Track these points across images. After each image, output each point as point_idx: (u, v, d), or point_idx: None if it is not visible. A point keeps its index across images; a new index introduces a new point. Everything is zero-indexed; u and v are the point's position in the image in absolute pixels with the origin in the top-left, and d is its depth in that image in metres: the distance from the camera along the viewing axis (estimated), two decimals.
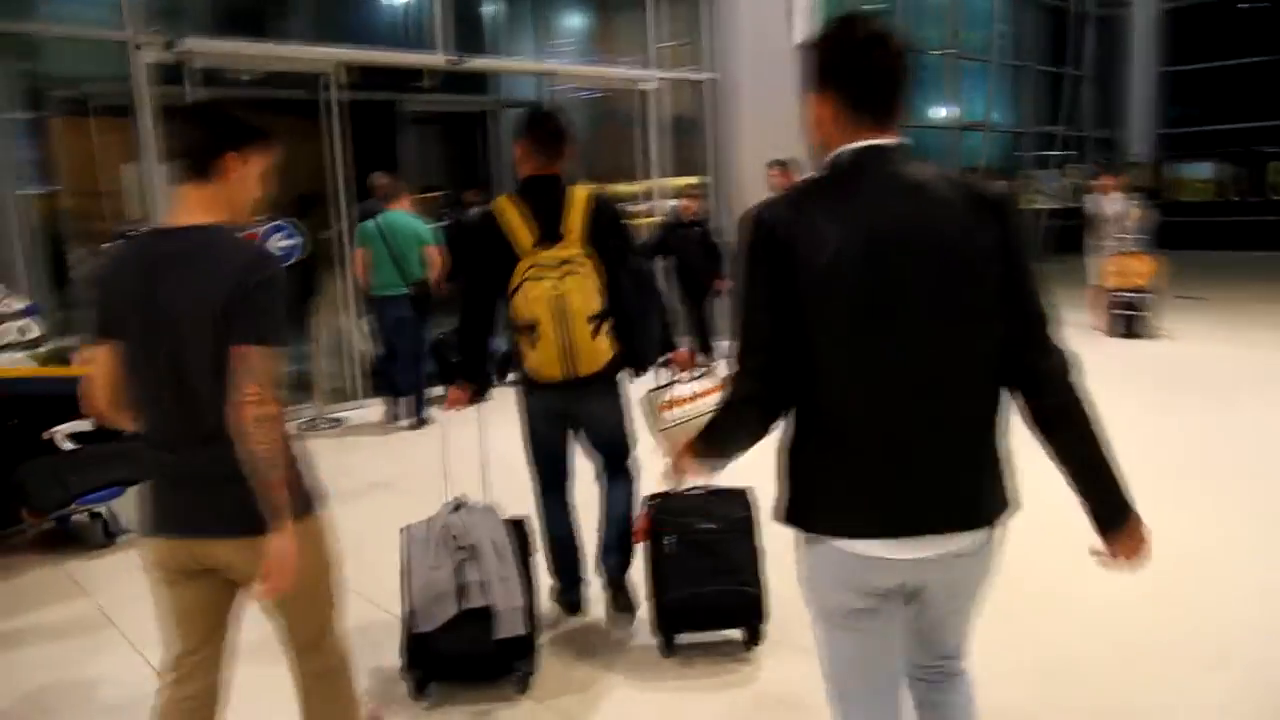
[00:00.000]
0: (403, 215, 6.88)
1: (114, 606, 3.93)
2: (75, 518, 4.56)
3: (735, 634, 3.37)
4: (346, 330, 7.85)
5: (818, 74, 1.74)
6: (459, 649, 3.04)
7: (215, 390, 1.98)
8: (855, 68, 1.70)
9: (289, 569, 1.98)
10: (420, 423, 6.92)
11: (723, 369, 3.37)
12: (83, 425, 4.48)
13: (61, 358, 4.57)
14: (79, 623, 3.81)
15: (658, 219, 9.45)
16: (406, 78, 9.72)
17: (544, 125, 3.27)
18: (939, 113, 17.10)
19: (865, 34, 1.69)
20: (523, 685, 3.15)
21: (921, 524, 1.68)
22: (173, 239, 2.06)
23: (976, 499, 1.72)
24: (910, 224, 1.64)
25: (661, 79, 9.77)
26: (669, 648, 3.35)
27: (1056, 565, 3.42)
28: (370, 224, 6.82)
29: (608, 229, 3.25)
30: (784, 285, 1.65)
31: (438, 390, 7.24)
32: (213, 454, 2.00)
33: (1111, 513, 1.77)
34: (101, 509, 4.54)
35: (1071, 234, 18.59)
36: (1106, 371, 8.37)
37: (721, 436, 1.86)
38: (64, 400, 4.44)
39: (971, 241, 1.65)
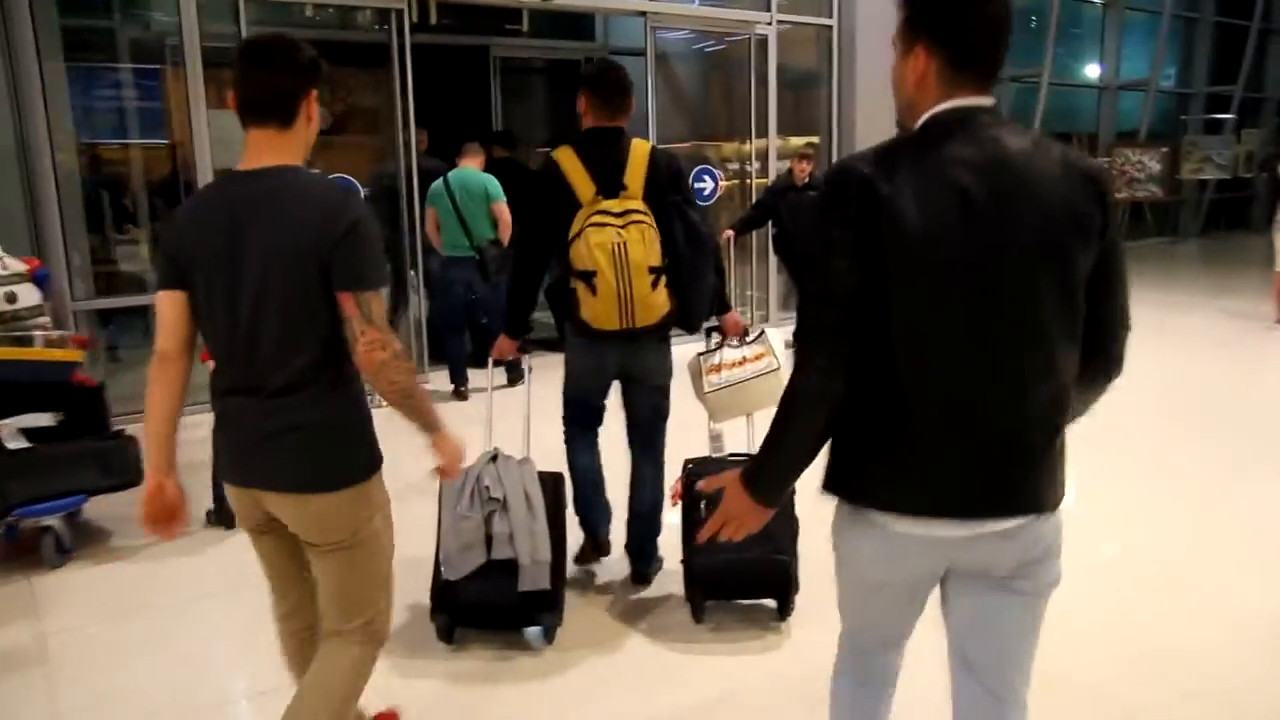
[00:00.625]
0: (472, 172, 6.46)
1: (59, 635, 3.31)
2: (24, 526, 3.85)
3: (768, 603, 3.32)
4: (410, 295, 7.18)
5: (919, 25, 1.61)
6: (484, 598, 3.08)
7: (288, 341, 1.96)
8: (961, 22, 1.58)
9: (456, 461, 2.16)
10: (515, 378, 6.16)
11: (774, 336, 3.48)
12: (42, 419, 3.80)
13: (21, 339, 3.86)
14: (11, 654, 3.19)
15: (770, 182, 8.49)
16: (499, 19, 8.93)
17: (606, 78, 3.27)
18: (1093, 70, 15.42)
19: None
20: (547, 637, 3.18)
21: (983, 506, 1.60)
22: (258, 181, 1.98)
23: (1039, 483, 1.63)
24: (1009, 193, 1.54)
25: (779, 22, 8.69)
26: (699, 613, 3.31)
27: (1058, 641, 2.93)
28: (439, 183, 6.44)
29: (668, 183, 3.21)
30: (871, 244, 1.54)
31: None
32: (277, 406, 1.98)
33: None
34: (53, 521, 3.73)
35: (1241, 208, 16.74)
36: None
37: (794, 425, 1.62)
38: (18, 389, 3.83)
39: (1070, 216, 1.56)
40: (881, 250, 1.52)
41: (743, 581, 3.24)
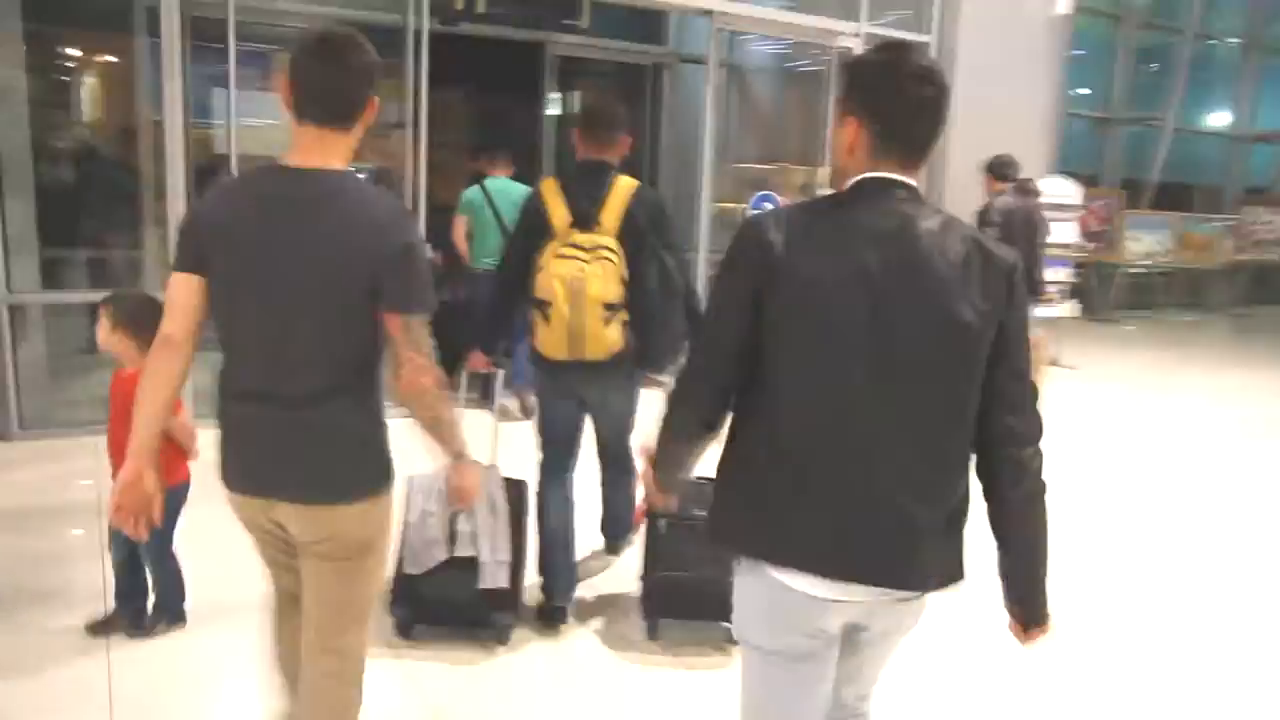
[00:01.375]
0: (508, 182, 6.12)
1: None
2: None
3: (723, 625, 3.29)
4: None
5: (853, 97, 1.68)
6: (443, 594, 3.18)
7: (322, 350, 1.93)
8: (891, 100, 1.63)
9: (473, 490, 2.18)
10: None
11: None
12: None
13: None
14: None
15: None
16: (557, 13, 8.03)
17: (596, 114, 3.37)
18: (1222, 118, 13.95)
19: (909, 67, 1.62)
20: (502, 637, 3.25)
21: (871, 574, 1.63)
22: (307, 181, 1.92)
23: (926, 559, 1.64)
24: (905, 267, 1.58)
25: (866, 34, 7.60)
26: (653, 630, 3.40)
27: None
28: (476, 190, 6.07)
29: (648, 223, 3.23)
30: (762, 303, 1.61)
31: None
32: (303, 417, 1.95)
33: (1031, 614, 1.78)
34: None
35: None
36: None
37: (668, 440, 1.81)
38: None
39: (969, 301, 1.58)
40: (770, 306, 1.59)
41: (697, 603, 3.29)
